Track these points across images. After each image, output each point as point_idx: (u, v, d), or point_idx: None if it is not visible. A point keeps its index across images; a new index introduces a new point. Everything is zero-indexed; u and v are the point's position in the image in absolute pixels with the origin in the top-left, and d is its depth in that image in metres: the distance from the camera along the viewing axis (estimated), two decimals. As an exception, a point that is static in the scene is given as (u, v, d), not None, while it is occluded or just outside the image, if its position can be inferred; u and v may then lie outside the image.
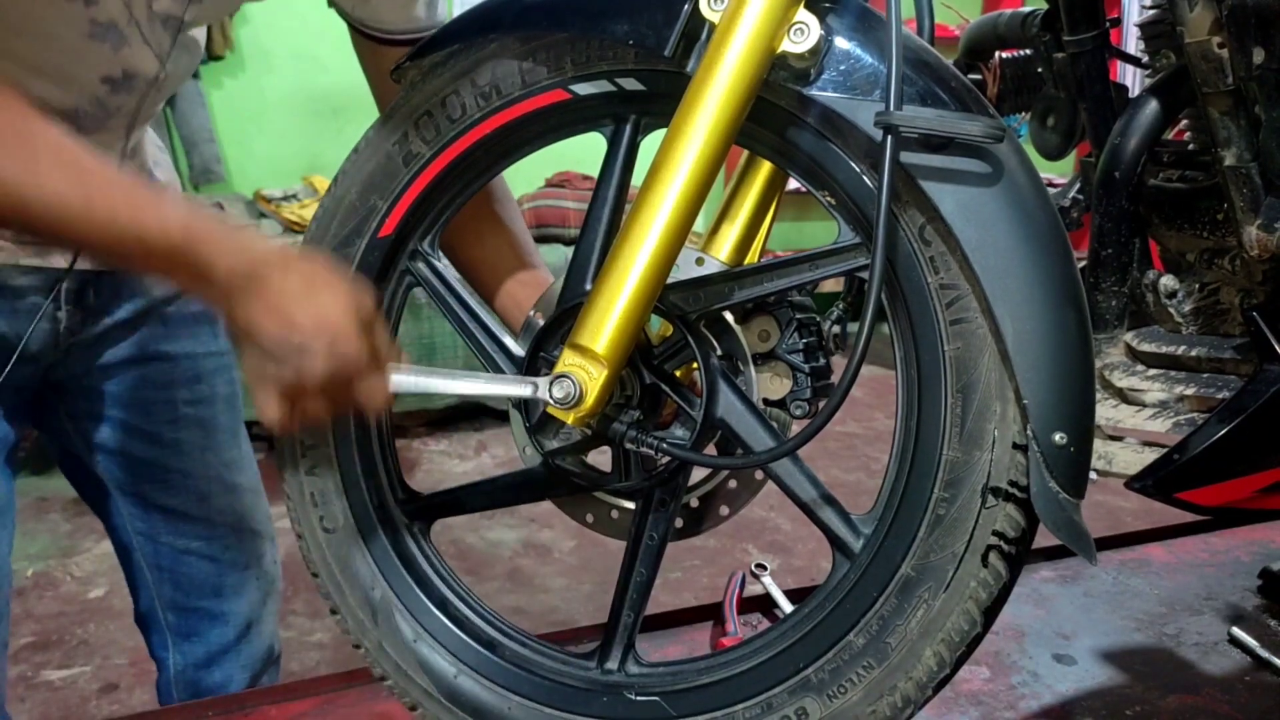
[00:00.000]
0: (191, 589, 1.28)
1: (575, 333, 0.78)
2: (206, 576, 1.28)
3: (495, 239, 1.11)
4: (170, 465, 1.23)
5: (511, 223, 1.13)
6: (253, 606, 1.33)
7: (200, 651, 1.31)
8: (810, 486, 0.82)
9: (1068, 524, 0.71)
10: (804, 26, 0.71)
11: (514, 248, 1.12)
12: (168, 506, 1.24)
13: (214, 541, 1.27)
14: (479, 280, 1.11)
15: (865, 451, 3.58)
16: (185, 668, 1.32)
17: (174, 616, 1.31)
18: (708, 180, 0.74)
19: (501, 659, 0.92)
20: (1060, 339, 0.71)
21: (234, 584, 1.30)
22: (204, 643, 1.31)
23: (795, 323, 0.88)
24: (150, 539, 1.26)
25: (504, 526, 2.89)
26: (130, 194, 0.80)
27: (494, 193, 1.11)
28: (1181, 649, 1.25)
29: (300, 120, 4.26)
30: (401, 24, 1.05)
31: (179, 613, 1.30)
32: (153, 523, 1.25)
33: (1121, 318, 0.94)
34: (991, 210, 0.70)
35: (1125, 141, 0.90)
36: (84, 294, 1.11)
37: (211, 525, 1.26)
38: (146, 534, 1.26)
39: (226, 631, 1.31)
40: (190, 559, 1.27)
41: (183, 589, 1.29)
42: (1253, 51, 0.77)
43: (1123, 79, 1.04)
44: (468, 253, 1.11)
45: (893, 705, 0.77)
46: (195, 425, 1.24)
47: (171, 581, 1.28)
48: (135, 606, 1.33)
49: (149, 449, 1.22)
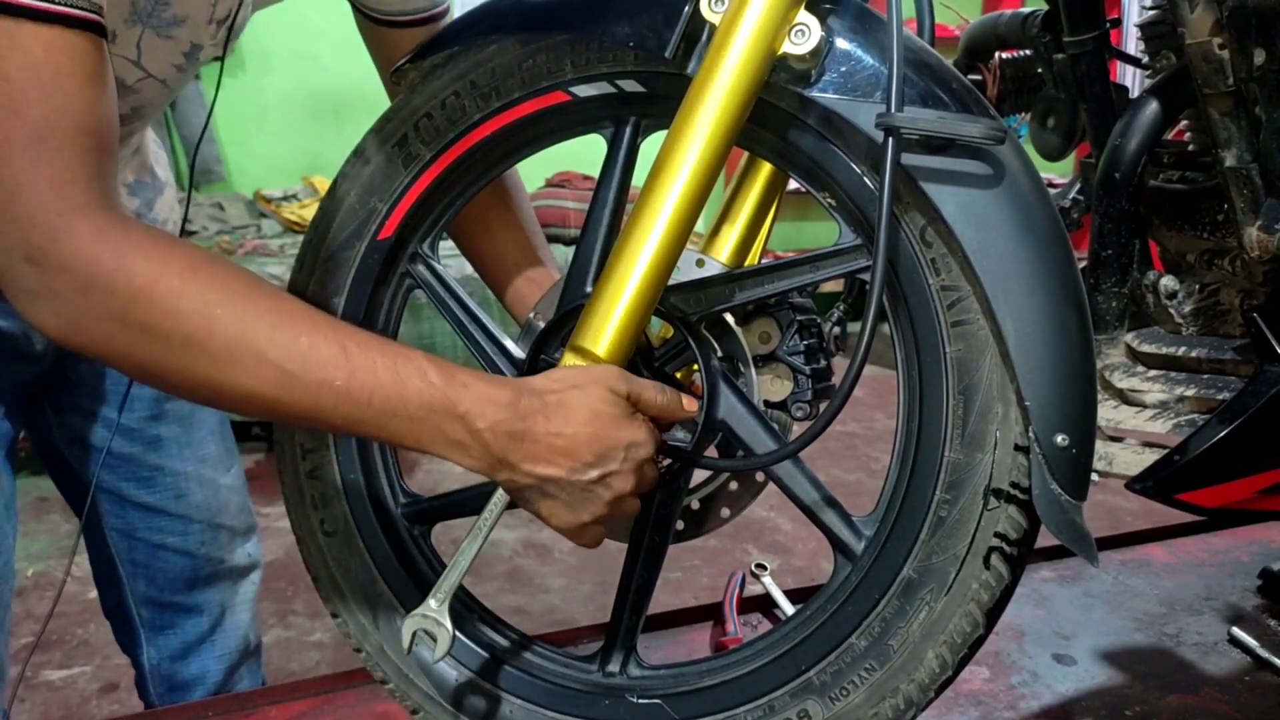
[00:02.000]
0: (165, 584, 1.28)
1: (576, 335, 0.78)
2: (180, 570, 1.28)
3: (505, 232, 1.10)
4: (148, 461, 1.22)
5: (523, 217, 1.11)
6: (225, 597, 1.33)
7: (175, 644, 1.31)
8: (812, 488, 0.82)
9: (1069, 525, 0.71)
10: (805, 28, 0.71)
11: (523, 242, 1.10)
12: (145, 503, 1.23)
13: (189, 536, 1.26)
14: (487, 273, 1.10)
15: (866, 452, 3.58)
16: (160, 661, 1.32)
17: (147, 611, 1.30)
18: (709, 182, 0.74)
19: (502, 662, 0.92)
20: (1062, 340, 0.71)
21: (207, 576, 1.29)
22: (178, 634, 1.31)
23: (796, 324, 0.88)
24: (126, 535, 1.25)
25: (504, 526, 2.88)
26: (383, 343, 0.75)
27: (507, 186, 1.09)
28: (1181, 649, 1.25)
29: (300, 120, 4.26)
30: (404, 5, 1.04)
31: (152, 607, 1.30)
32: (129, 519, 1.24)
33: (1122, 319, 0.94)
34: (993, 212, 0.70)
35: (1125, 142, 0.90)
36: None
37: (188, 521, 1.26)
38: (122, 530, 1.25)
39: (200, 622, 1.31)
40: (165, 553, 1.26)
41: (156, 584, 1.28)
42: (1253, 53, 0.77)
43: (1123, 80, 1.04)
44: (477, 244, 1.10)
45: (895, 707, 0.77)
46: (176, 421, 1.23)
47: (145, 577, 1.28)
48: (103, 603, 1.32)
49: (130, 445, 1.21)
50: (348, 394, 0.72)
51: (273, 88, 4.22)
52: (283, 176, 4.11)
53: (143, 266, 0.70)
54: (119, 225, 0.71)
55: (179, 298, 0.70)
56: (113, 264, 0.69)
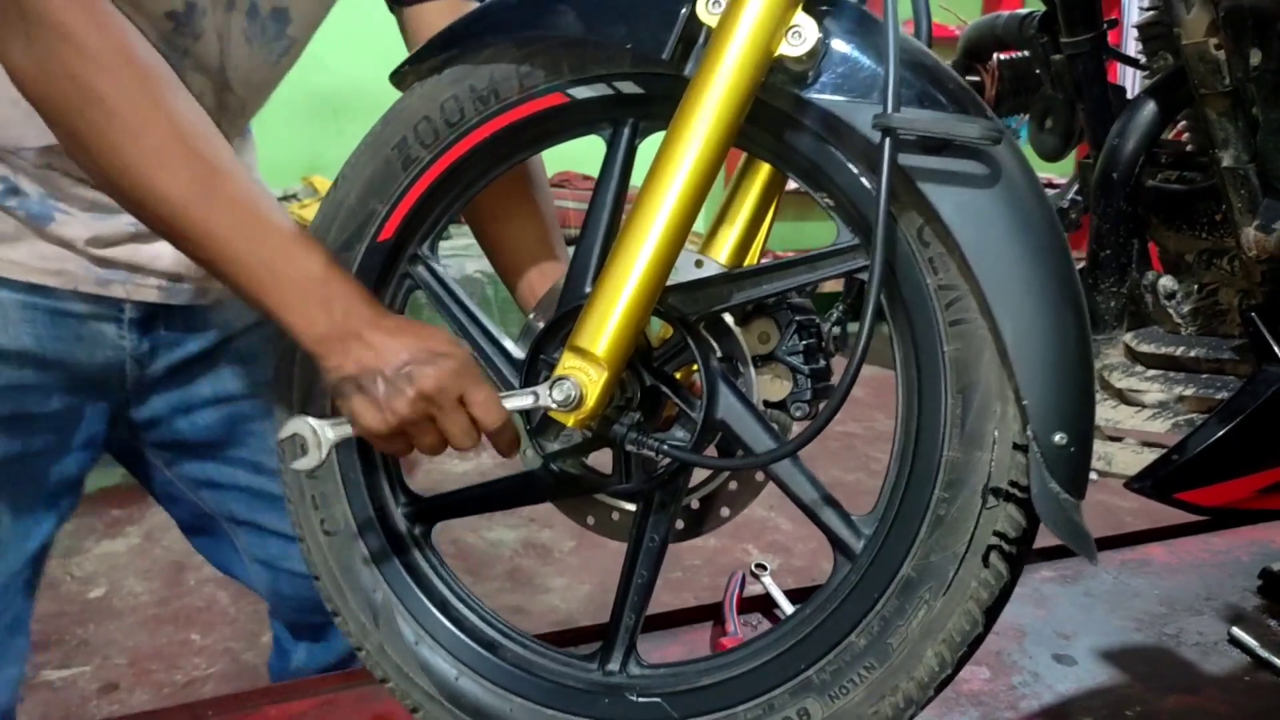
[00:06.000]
0: (316, 609, 1.26)
1: (575, 335, 0.78)
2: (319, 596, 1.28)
3: (522, 220, 1.08)
4: (275, 492, 1.20)
5: (541, 207, 1.09)
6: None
7: (329, 657, 1.31)
8: (811, 487, 0.82)
9: (1068, 524, 0.71)
10: (801, 30, 0.71)
11: (539, 233, 1.08)
12: (281, 531, 1.22)
13: None
14: (500, 261, 1.09)
15: (865, 451, 3.58)
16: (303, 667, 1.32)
17: (303, 630, 1.32)
18: (707, 183, 0.74)
19: (503, 661, 0.92)
20: (1060, 339, 0.71)
21: None
22: (328, 649, 1.31)
23: (795, 324, 0.88)
24: (268, 565, 1.25)
25: (504, 526, 2.89)
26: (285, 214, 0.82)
27: (529, 174, 1.07)
28: (1181, 649, 1.25)
29: (300, 120, 4.25)
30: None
31: (308, 628, 1.31)
32: (269, 549, 1.24)
33: (1120, 319, 0.94)
34: (990, 211, 0.70)
35: (1123, 143, 0.90)
36: (151, 323, 1.09)
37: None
38: (265, 561, 1.25)
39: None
40: (304, 582, 1.23)
41: (304, 610, 1.28)
42: (1250, 53, 0.78)
43: (1121, 80, 1.05)
44: (492, 230, 1.08)
45: (895, 706, 0.78)
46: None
47: (294, 607, 1.28)
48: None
49: (255, 476, 1.21)
50: (243, 230, 0.81)
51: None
52: (283, 176, 4.10)
53: (116, 45, 0.79)
54: (111, 8, 0.80)
55: (139, 86, 0.79)
56: (94, 35, 0.77)
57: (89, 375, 1.06)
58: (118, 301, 1.05)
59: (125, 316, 1.07)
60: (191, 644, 2.33)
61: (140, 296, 1.06)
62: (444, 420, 0.80)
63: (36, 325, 1.01)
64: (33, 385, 1.02)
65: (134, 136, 0.79)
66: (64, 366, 1.04)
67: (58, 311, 1.02)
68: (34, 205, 0.98)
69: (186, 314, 1.12)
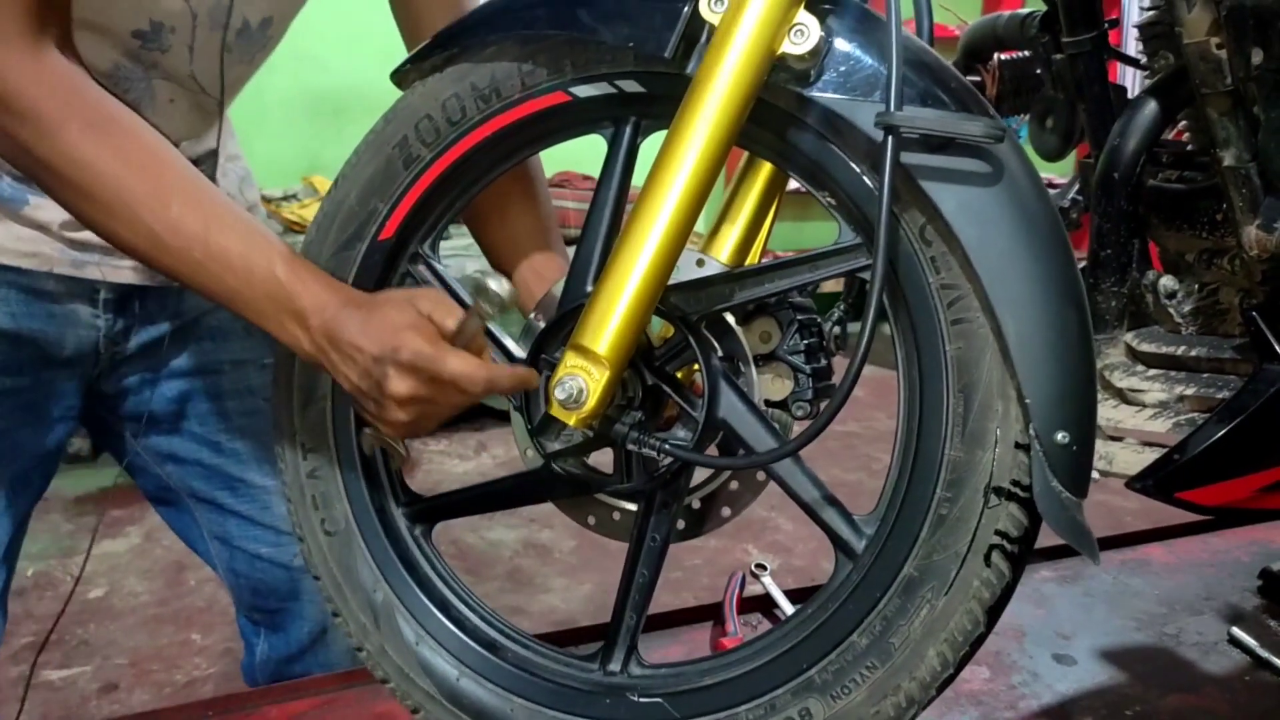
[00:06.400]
0: (269, 593, 1.30)
1: (577, 334, 0.78)
2: (280, 582, 1.29)
3: (522, 218, 1.08)
4: (232, 473, 1.24)
5: (540, 207, 1.10)
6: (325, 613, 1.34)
7: (282, 646, 1.33)
8: (812, 487, 0.82)
9: (1070, 523, 0.71)
10: (804, 28, 0.71)
11: (537, 233, 1.09)
12: (238, 511, 1.26)
13: (282, 549, 1.28)
14: (498, 259, 1.09)
15: (866, 451, 3.58)
16: (268, 658, 1.34)
17: (258, 615, 1.33)
18: (708, 182, 0.74)
19: (504, 661, 0.92)
20: (1061, 338, 0.71)
21: (309, 588, 1.30)
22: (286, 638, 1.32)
23: (796, 324, 0.88)
24: (225, 543, 1.27)
25: (504, 526, 2.89)
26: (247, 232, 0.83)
27: (529, 174, 1.08)
28: (1181, 649, 1.25)
29: (300, 120, 4.25)
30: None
31: (262, 613, 1.33)
32: (227, 527, 1.26)
33: (1121, 318, 0.94)
34: (992, 210, 0.70)
35: (1124, 142, 0.90)
36: (126, 303, 1.11)
37: (278, 533, 1.27)
38: (222, 538, 1.27)
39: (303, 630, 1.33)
40: (262, 564, 1.28)
41: (261, 594, 1.30)
42: (1251, 52, 0.78)
43: (1122, 80, 1.05)
44: (490, 229, 1.08)
45: (896, 705, 0.78)
46: (249, 436, 1.24)
47: (249, 588, 1.30)
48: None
49: (215, 456, 1.23)
50: (204, 268, 0.82)
51: (273, 88, 4.21)
52: (283, 176, 4.10)
53: (52, 110, 0.79)
54: (45, 64, 0.80)
55: (75, 148, 0.80)
56: (30, 99, 0.79)
57: (63, 353, 1.08)
58: (93, 283, 1.06)
59: (100, 297, 1.08)
60: (191, 644, 2.33)
61: (116, 278, 1.07)
62: (438, 397, 0.81)
63: (11, 304, 1.03)
64: (6, 362, 1.04)
65: (87, 198, 0.82)
66: (37, 344, 1.05)
67: (32, 290, 1.03)
68: (6, 189, 0.99)
69: (161, 295, 1.13)
